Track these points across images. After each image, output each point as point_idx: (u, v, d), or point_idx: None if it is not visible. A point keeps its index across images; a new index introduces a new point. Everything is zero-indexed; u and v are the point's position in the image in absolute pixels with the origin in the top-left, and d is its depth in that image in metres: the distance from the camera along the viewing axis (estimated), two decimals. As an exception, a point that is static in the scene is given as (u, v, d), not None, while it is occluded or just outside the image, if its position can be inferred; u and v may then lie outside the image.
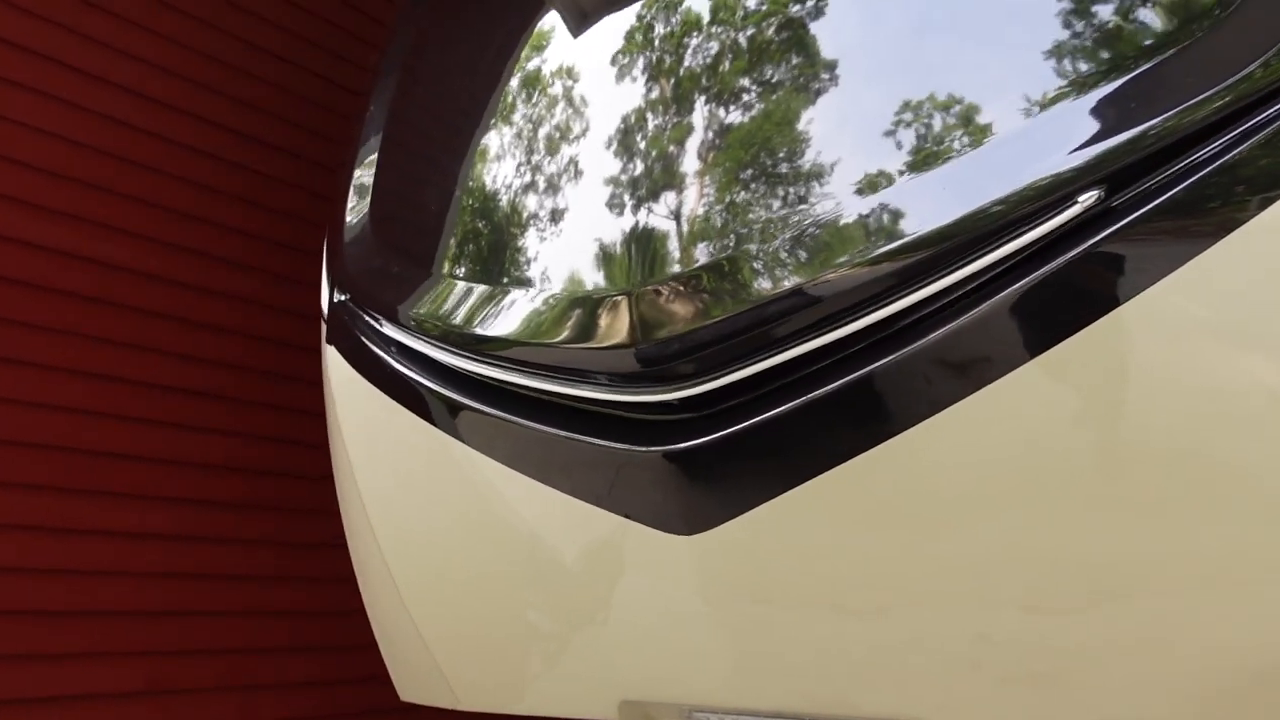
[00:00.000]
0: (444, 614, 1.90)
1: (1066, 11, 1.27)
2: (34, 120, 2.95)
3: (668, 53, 1.64)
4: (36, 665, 2.87)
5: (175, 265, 3.25)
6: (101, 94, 3.12)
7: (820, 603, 1.46)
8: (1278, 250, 1.16)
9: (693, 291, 1.40)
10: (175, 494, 3.19)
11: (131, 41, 3.18)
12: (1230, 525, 1.22)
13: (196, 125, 3.34)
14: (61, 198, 3.00)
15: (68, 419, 2.97)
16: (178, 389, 3.23)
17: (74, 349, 2.99)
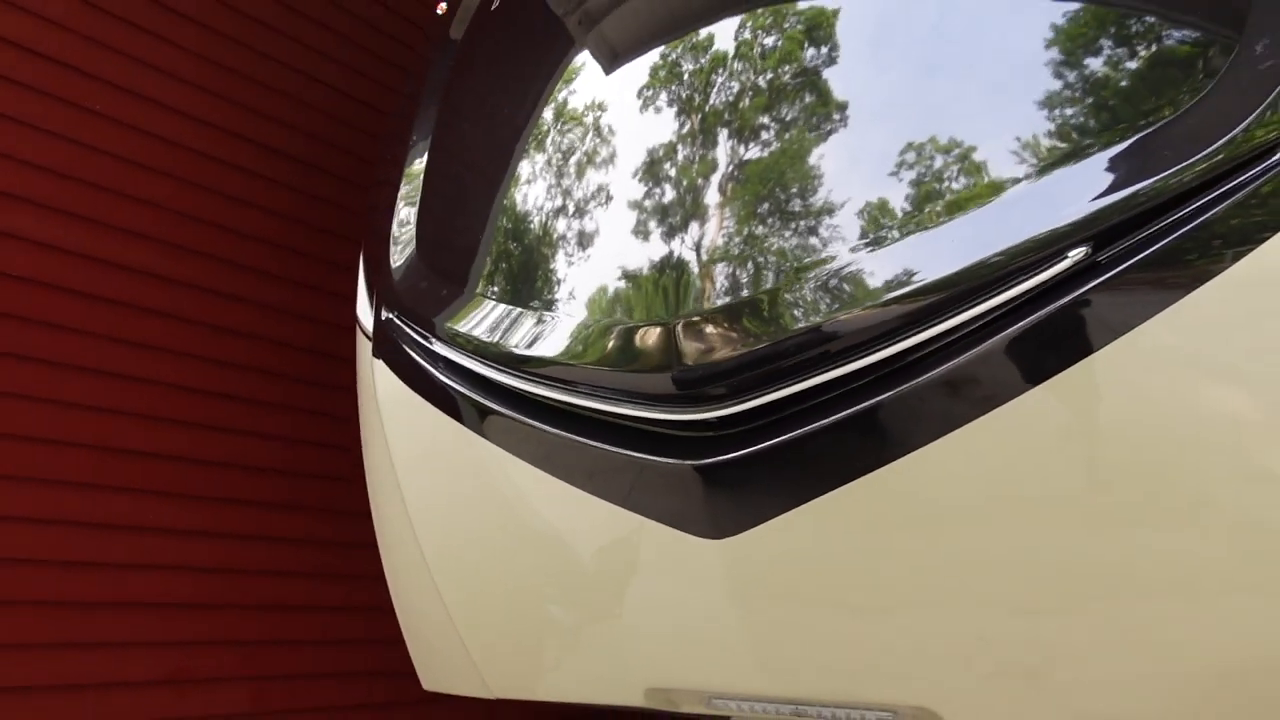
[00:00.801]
0: (480, 607, 2.06)
1: (1061, 86, 1.44)
2: (87, 138, 3.09)
3: (698, 90, 1.80)
4: (66, 653, 2.99)
5: (202, 272, 3.39)
6: (149, 114, 3.26)
7: (832, 602, 1.63)
8: (1245, 300, 1.33)
9: (727, 324, 1.57)
10: (192, 491, 3.30)
11: (191, 70, 3.34)
12: (1199, 540, 1.40)
13: (230, 140, 3.48)
14: (96, 207, 3.14)
15: (99, 419, 3.09)
16: (204, 391, 3.35)
17: (105, 351, 3.12)
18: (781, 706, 1.73)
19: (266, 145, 3.61)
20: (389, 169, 2.44)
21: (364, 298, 2.36)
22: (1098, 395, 1.40)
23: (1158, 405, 1.38)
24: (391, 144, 2.53)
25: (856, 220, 1.52)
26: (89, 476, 3.05)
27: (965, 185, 1.45)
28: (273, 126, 3.63)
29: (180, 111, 3.35)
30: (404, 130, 2.43)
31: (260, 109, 3.59)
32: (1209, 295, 1.32)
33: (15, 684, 2.82)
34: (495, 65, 2.35)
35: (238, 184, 3.50)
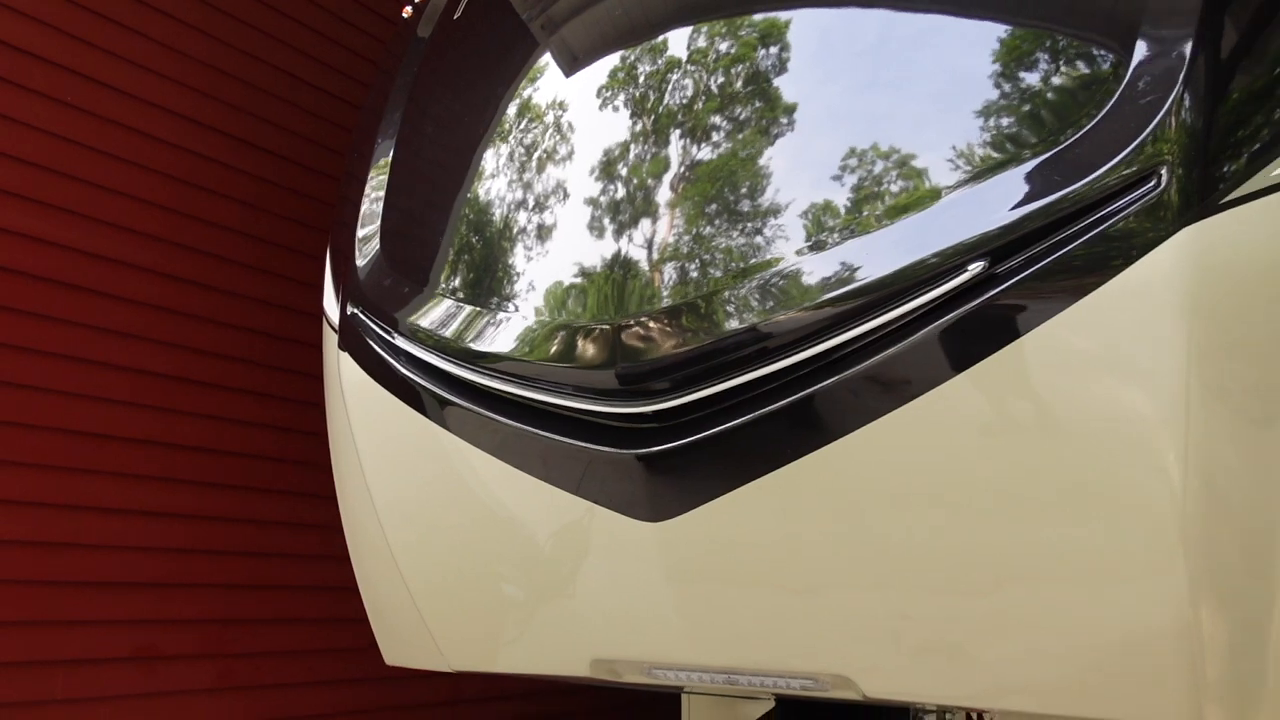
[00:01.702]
0: (439, 586, 2.20)
1: (971, 114, 1.60)
2: (62, 131, 3.17)
3: (649, 99, 1.94)
4: (36, 630, 3.08)
5: (171, 260, 3.48)
6: (124, 107, 3.34)
7: (759, 580, 1.79)
8: (1120, 309, 1.49)
9: (666, 324, 1.72)
10: (159, 474, 3.38)
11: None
12: (1094, 529, 1.56)
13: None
14: (77, 199, 3.23)
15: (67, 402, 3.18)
16: (173, 376, 3.44)
17: (73, 337, 3.20)
18: (715, 675, 1.89)
19: (240, 138, 3.71)
20: (355, 168, 2.56)
21: (330, 292, 2.48)
22: (995, 393, 1.56)
23: (1046, 402, 1.55)
24: (359, 142, 2.65)
25: (785, 231, 1.67)
26: (59, 460, 3.14)
27: (881, 205, 1.61)
28: (247, 119, 3.72)
29: (154, 104, 3.43)
30: (370, 130, 2.55)
31: (234, 102, 3.68)
32: (1092, 304, 1.49)
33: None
34: (457, 71, 2.47)
35: (214, 177, 3.59)
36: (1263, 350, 1.47)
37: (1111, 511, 1.55)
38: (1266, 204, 1.43)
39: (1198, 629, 1.55)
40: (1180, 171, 1.43)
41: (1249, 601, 1.53)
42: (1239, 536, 1.53)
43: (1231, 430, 1.49)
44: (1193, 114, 1.44)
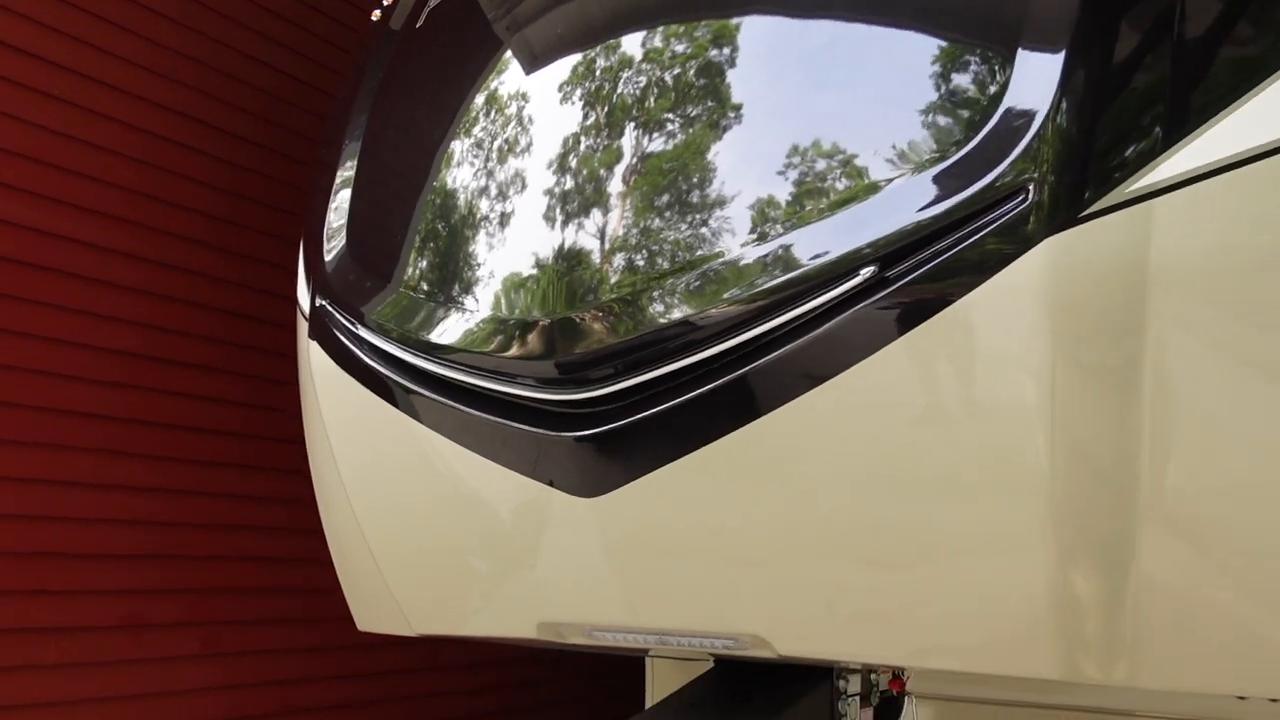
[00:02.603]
0: (403, 558, 2.40)
1: (860, 137, 1.78)
2: (45, 121, 3.32)
3: (596, 107, 2.11)
4: (30, 600, 3.25)
5: (155, 246, 3.63)
6: (102, 97, 3.48)
7: (686, 550, 1.99)
8: (995, 307, 1.68)
9: (601, 318, 1.91)
10: (143, 451, 3.55)
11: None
12: (978, 504, 1.75)
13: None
14: (63, 189, 3.38)
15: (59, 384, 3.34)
16: (155, 358, 3.60)
17: (63, 321, 3.35)
18: (648, 636, 2.09)
19: (216, 126, 3.85)
20: (326, 160, 2.73)
21: (302, 280, 2.66)
22: (889, 380, 1.75)
23: (932, 389, 1.74)
24: (330, 135, 2.81)
25: (704, 236, 1.86)
26: (49, 438, 3.29)
27: (786, 216, 1.79)
28: (221, 107, 3.86)
29: (131, 94, 3.57)
30: (341, 124, 2.72)
31: (210, 90, 3.82)
32: (970, 303, 1.67)
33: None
34: (424, 69, 2.64)
35: (194, 165, 3.74)
36: (1117, 337, 1.65)
37: (992, 488, 1.74)
38: (1120, 216, 1.61)
39: (1071, 592, 1.75)
40: (1045, 188, 1.61)
41: (1111, 567, 1.72)
42: (1104, 507, 1.72)
43: (1095, 410, 1.67)
44: (1057, 138, 1.62)
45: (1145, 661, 1.76)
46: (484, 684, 4.69)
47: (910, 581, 1.82)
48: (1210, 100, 1.66)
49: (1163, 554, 1.70)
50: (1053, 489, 1.69)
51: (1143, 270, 1.63)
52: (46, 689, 3.23)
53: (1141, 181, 1.62)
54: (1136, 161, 1.63)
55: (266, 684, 3.86)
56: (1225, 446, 1.67)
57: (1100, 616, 1.75)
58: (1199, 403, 1.67)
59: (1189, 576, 1.71)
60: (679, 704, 2.28)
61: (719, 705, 2.25)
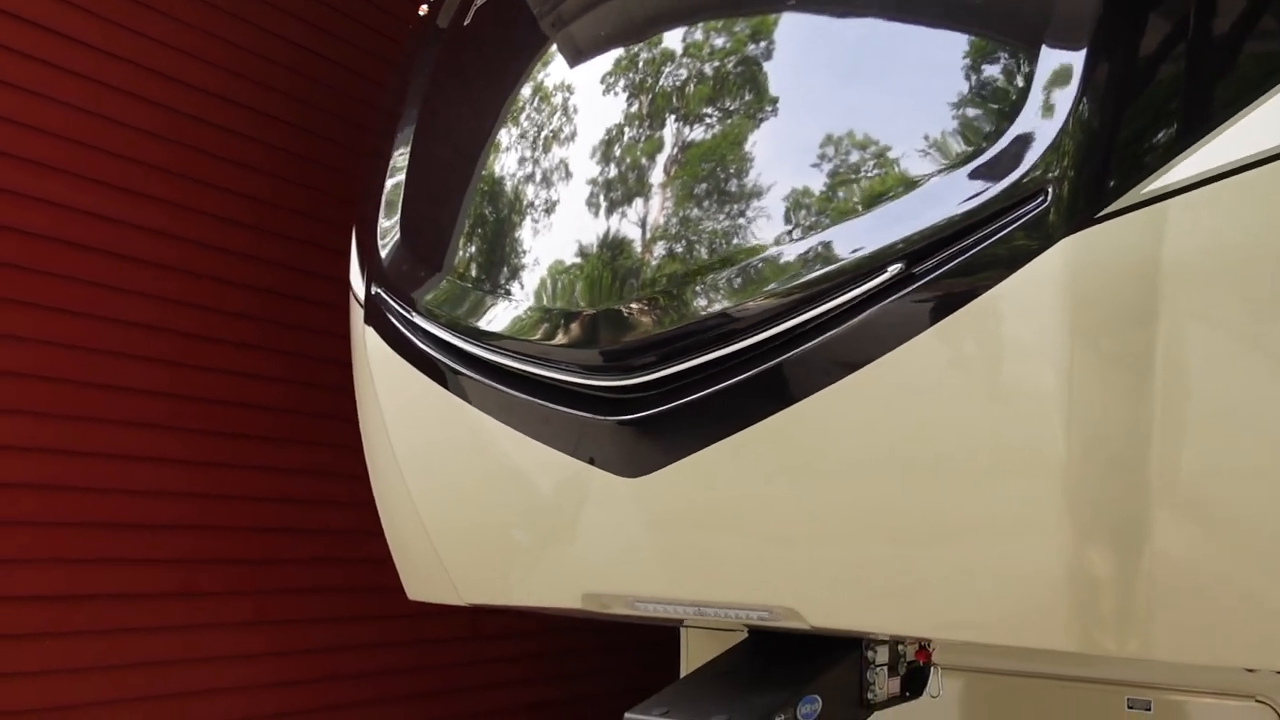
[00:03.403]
0: (454, 532, 2.54)
1: (891, 140, 1.89)
2: (105, 110, 3.46)
3: (640, 105, 2.23)
4: (90, 568, 3.42)
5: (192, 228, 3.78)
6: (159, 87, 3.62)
7: (724, 527, 2.11)
8: (1016, 302, 1.78)
9: (645, 309, 2.03)
10: (198, 426, 3.71)
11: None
12: (1002, 486, 1.86)
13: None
14: (108, 172, 3.53)
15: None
16: (198, 336, 3.75)
17: (115, 301, 3.52)
18: (687, 607, 2.23)
19: (264, 111, 3.99)
20: (378, 155, 2.86)
21: (356, 267, 2.79)
22: (916, 370, 1.86)
23: (958, 378, 1.85)
24: (380, 136, 2.94)
25: (744, 232, 1.98)
26: (111, 414, 3.46)
27: (820, 214, 1.91)
28: (269, 94, 4.00)
29: (184, 82, 3.71)
30: (391, 125, 2.85)
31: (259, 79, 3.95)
32: (993, 297, 1.78)
33: (43, 594, 3.25)
34: (472, 71, 2.76)
35: (236, 149, 3.89)
36: (1132, 329, 1.75)
37: (1013, 471, 1.86)
38: (1135, 217, 1.71)
39: (1087, 570, 1.86)
40: (1065, 189, 1.72)
41: (1126, 546, 1.83)
42: (1119, 490, 1.83)
43: (1111, 398, 1.78)
44: (1076, 142, 1.72)
45: (1157, 635, 1.87)
46: (520, 653, 4.85)
47: (936, 558, 1.94)
48: (1220, 105, 1.75)
49: (1174, 533, 1.81)
50: (1070, 472, 1.80)
51: (1156, 267, 1.73)
52: (104, 653, 3.41)
53: (1156, 184, 1.72)
54: (1151, 164, 1.73)
55: (311, 651, 4.02)
56: (1233, 431, 1.77)
57: (1115, 592, 1.86)
58: (1208, 390, 1.77)
59: (1199, 555, 1.82)
60: (715, 671, 2.41)
61: (753, 673, 2.37)
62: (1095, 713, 2.95)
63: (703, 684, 2.34)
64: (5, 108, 3.19)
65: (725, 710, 2.13)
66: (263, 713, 3.88)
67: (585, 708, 5.12)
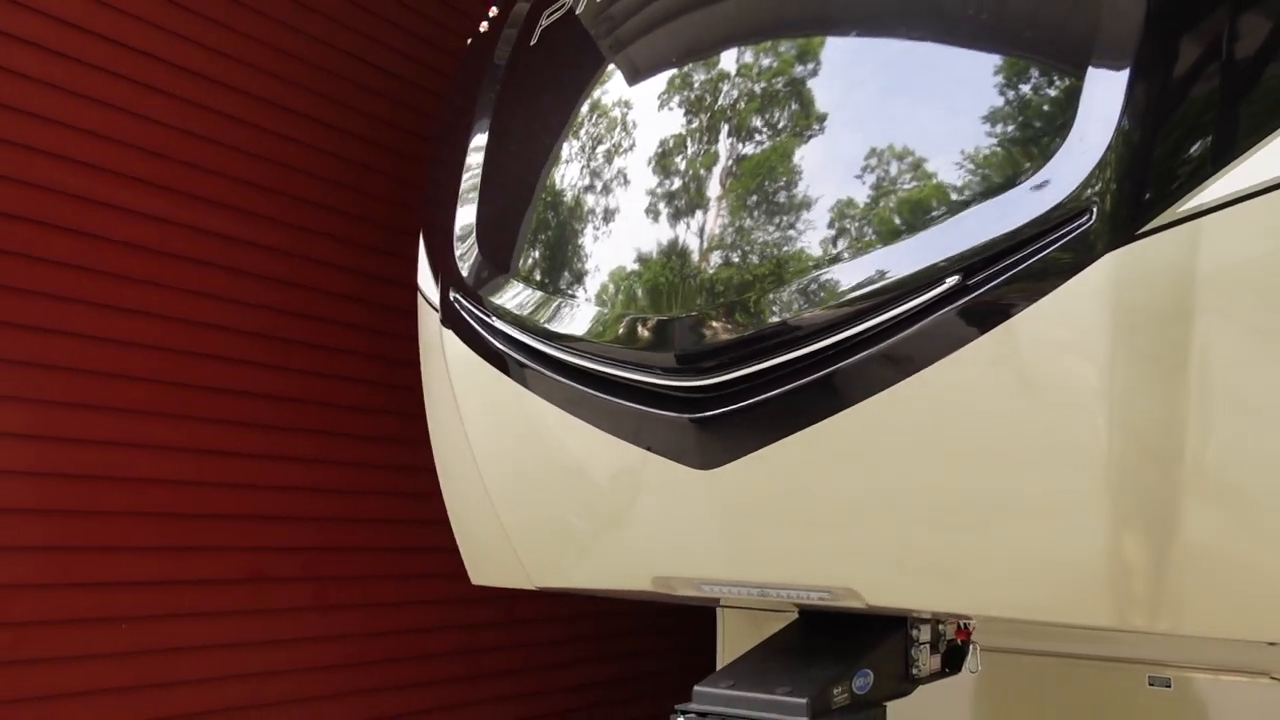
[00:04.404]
0: (527, 519, 2.74)
1: (948, 162, 2.07)
2: (173, 121, 3.65)
3: (704, 117, 2.41)
4: (170, 555, 3.63)
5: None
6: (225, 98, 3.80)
7: (789, 515, 2.30)
8: (1063, 310, 1.96)
9: (716, 317, 2.22)
10: (263, 421, 3.92)
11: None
12: (1047, 476, 2.03)
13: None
14: (167, 175, 3.72)
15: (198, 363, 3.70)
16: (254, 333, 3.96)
17: (198, 307, 3.73)
18: (751, 589, 2.42)
19: (324, 122, 4.18)
20: (444, 168, 3.05)
21: (427, 273, 2.98)
22: (970, 372, 2.05)
23: (1010, 378, 2.04)
24: (444, 145, 3.13)
25: (810, 246, 2.17)
26: (191, 410, 3.69)
27: (881, 231, 2.10)
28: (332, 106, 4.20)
29: (251, 95, 3.91)
30: (458, 136, 3.03)
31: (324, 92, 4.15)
32: (1042, 306, 1.96)
33: (119, 580, 3.48)
34: (540, 88, 2.94)
35: (298, 155, 4.09)
36: (1168, 335, 1.93)
37: (1057, 462, 2.04)
38: (1172, 233, 1.89)
39: (1122, 552, 2.04)
40: (1107, 210, 1.90)
41: (1159, 531, 2.02)
42: (1153, 480, 2.01)
43: (1147, 396, 1.96)
44: (1117, 167, 1.90)
45: (1186, 612, 2.05)
46: (559, 637, 5.06)
47: (984, 542, 2.13)
48: (1250, 128, 1.92)
49: (1203, 519, 1.98)
50: (1110, 463, 1.98)
51: (1191, 278, 1.91)
52: (185, 635, 3.64)
53: (1191, 203, 1.89)
54: (1188, 184, 1.91)
55: (370, 634, 4.24)
56: (1257, 427, 1.95)
57: (1148, 573, 2.04)
58: (1236, 390, 1.94)
59: (1225, 538, 1.99)
60: (773, 648, 2.60)
61: (808, 650, 2.56)
62: (1117, 690, 3.14)
63: (763, 659, 2.53)
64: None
65: (788, 682, 2.32)
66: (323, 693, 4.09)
67: (629, 688, 5.34)
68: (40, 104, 3.32)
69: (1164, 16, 1.96)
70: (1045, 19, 2.13)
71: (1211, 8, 1.99)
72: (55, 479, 3.32)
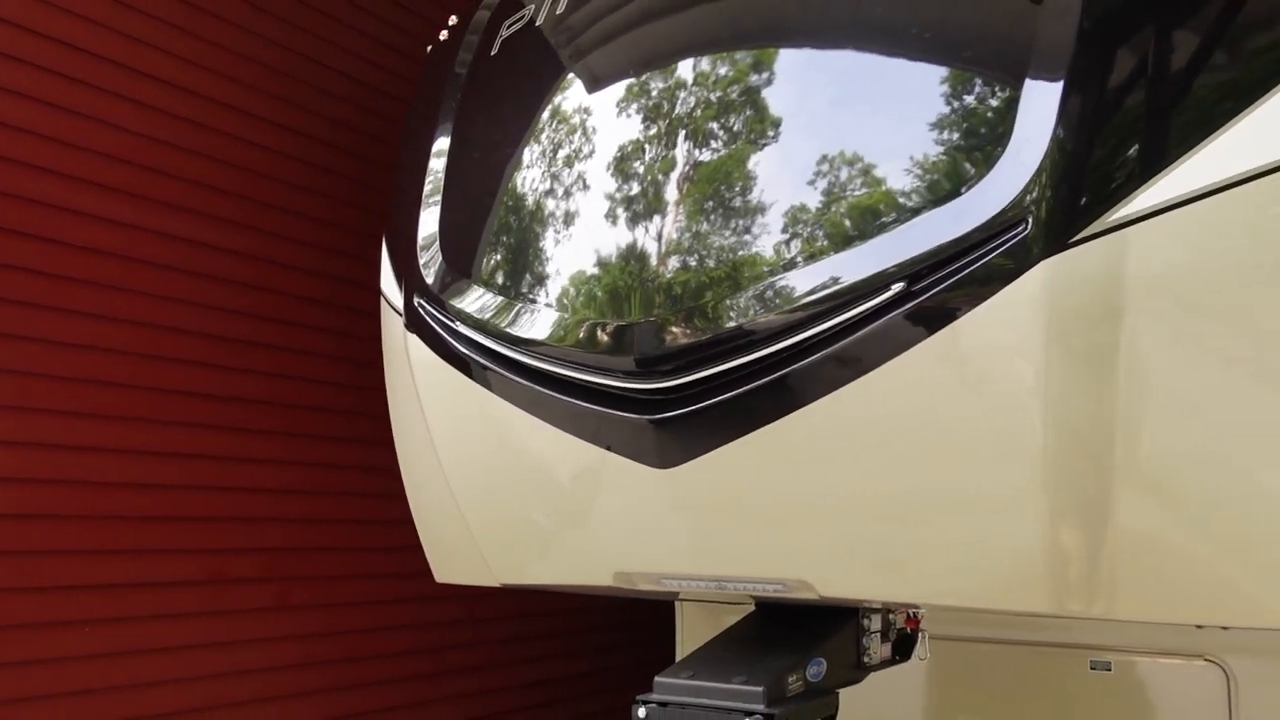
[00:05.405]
0: (493, 519, 2.81)
1: (894, 170, 2.18)
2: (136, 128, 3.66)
3: (661, 124, 2.49)
4: (124, 558, 3.65)
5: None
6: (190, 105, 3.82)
7: (745, 511, 2.40)
8: (1001, 314, 2.07)
9: (674, 322, 2.31)
10: (223, 423, 3.95)
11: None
12: (987, 470, 2.13)
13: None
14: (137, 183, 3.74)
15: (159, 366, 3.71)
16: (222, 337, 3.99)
17: (159, 310, 3.74)
18: (709, 582, 2.51)
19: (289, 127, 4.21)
20: (407, 174, 3.11)
21: (391, 282, 3.04)
22: (916, 373, 2.15)
23: (951, 378, 2.14)
24: (408, 151, 3.19)
25: (762, 252, 2.26)
26: (137, 412, 3.70)
27: (829, 239, 2.20)
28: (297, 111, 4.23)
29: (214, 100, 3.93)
30: (420, 143, 3.09)
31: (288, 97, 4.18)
32: (982, 311, 2.07)
33: (77, 584, 3.49)
34: (502, 96, 3.01)
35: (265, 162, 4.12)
36: (1099, 335, 2.03)
37: (999, 457, 2.14)
38: (1102, 241, 2.00)
39: (1059, 542, 2.15)
40: (1043, 218, 2.01)
41: (1092, 520, 2.13)
42: (1087, 472, 2.11)
43: (1079, 392, 2.06)
44: (1052, 176, 2.01)
45: (1120, 598, 2.15)
46: (522, 634, 5.13)
47: (930, 534, 2.23)
48: (1175, 141, 2.03)
49: (1134, 510, 2.08)
50: (1046, 458, 2.08)
51: (1120, 282, 2.01)
52: (139, 639, 3.66)
53: (1120, 212, 2.00)
54: (1116, 194, 2.02)
55: (332, 634, 4.28)
56: (1183, 422, 2.05)
57: (1083, 561, 2.14)
58: (1163, 388, 2.04)
59: (1155, 528, 2.09)
60: (731, 639, 2.70)
61: (764, 641, 2.66)
62: (1061, 674, 3.27)
63: (721, 650, 2.63)
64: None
65: (745, 672, 2.42)
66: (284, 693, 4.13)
67: (592, 681, 5.41)
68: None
69: (1096, 30, 2.06)
70: (986, 32, 2.23)
71: (1141, 23, 2.10)
72: (14, 483, 3.33)
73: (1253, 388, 2.02)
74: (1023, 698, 3.32)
